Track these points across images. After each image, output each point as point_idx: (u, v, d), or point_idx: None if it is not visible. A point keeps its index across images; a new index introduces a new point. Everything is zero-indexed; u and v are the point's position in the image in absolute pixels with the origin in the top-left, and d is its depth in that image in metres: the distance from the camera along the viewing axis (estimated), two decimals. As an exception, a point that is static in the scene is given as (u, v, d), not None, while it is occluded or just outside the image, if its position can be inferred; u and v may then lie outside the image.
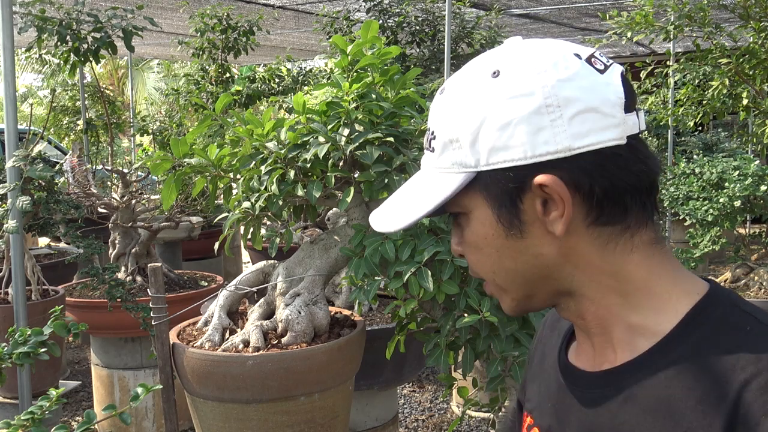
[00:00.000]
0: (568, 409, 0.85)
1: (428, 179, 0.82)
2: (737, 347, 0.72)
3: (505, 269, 0.81)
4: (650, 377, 0.76)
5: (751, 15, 4.67)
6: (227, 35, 6.69)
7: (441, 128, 0.79)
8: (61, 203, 3.68)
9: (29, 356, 0.98)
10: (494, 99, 0.75)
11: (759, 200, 4.70)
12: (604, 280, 0.80)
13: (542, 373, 0.95)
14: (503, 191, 0.77)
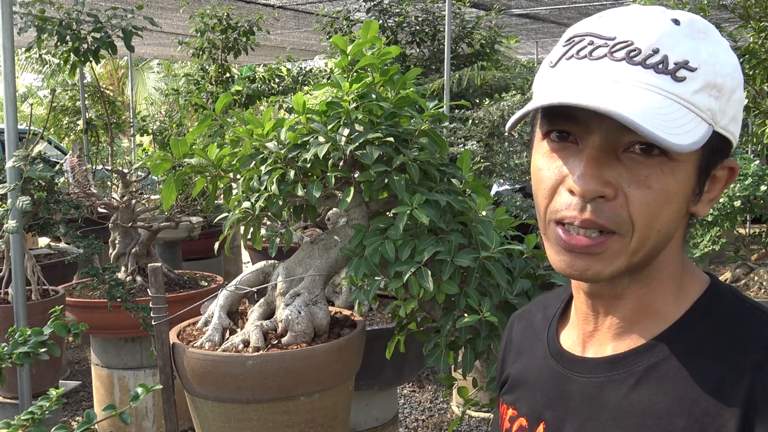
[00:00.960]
0: (568, 396, 0.84)
1: (673, 108, 0.71)
2: (747, 333, 0.76)
3: (669, 231, 0.76)
4: (663, 360, 0.77)
5: (751, 15, 4.67)
6: (227, 35, 6.69)
7: (704, 66, 0.73)
8: (61, 203, 3.68)
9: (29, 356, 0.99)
10: (738, 78, 0.75)
11: (759, 200, 4.70)
12: (667, 265, 0.80)
13: (522, 363, 0.95)
14: (712, 158, 0.76)
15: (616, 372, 0.80)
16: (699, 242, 5.12)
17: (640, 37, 0.73)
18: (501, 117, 5.28)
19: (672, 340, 0.78)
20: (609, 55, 0.73)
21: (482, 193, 2.23)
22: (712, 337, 0.77)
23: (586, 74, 0.74)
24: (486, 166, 5.04)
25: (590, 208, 0.74)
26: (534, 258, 2.20)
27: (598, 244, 0.74)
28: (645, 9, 0.76)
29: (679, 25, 0.74)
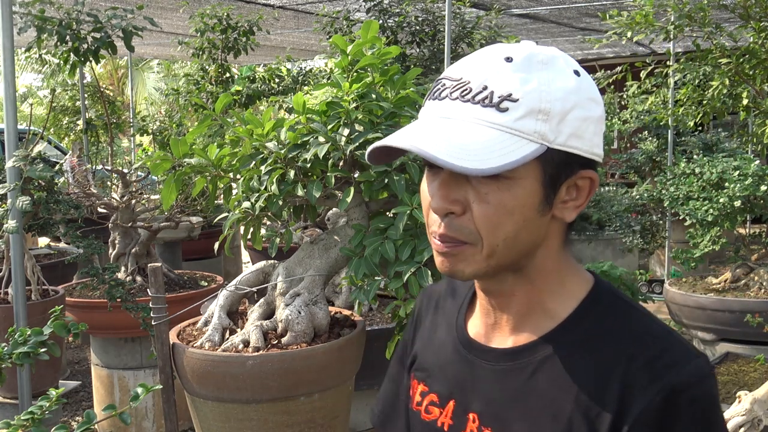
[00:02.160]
0: (474, 380, 0.96)
1: (492, 134, 0.84)
2: (623, 329, 0.90)
3: (516, 240, 0.87)
4: (555, 353, 0.90)
5: (751, 15, 4.67)
6: (227, 35, 6.69)
7: (527, 96, 0.84)
8: (61, 203, 3.68)
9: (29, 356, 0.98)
10: (581, 94, 0.87)
11: (759, 200, 4.70)
12: (548, 266, 0.93)
13: (434, 344, 1.06)
14: (557, 171, 0.87)
15: (517, 362, 0.93)
16: (699, 242, 5.12)
17: (474, 77, 0.86)
18: (501, 117, 5.28)
19: (562, 335, 0.91)
20: (449, 95, 0.87)
21: (482, 193, 2.23)
22: (594, 334, 0.90)
23: (429, 113, 0.88)
24: (486, 166, 5.04)
25: (444, 224, 0.88)
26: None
27: (453, 249, 0.88)
28: (487, 51, 0.89)
29: (512, 62, 0.86)
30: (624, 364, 0.85)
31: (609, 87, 8.40)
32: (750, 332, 4.52)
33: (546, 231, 0.90)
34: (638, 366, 0.84)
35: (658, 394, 0.82)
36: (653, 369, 0.84)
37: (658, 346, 0.86)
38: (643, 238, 6.57)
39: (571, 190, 0.90)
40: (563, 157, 0.86)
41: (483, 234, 0.86)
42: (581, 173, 0.89)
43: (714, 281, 5.06)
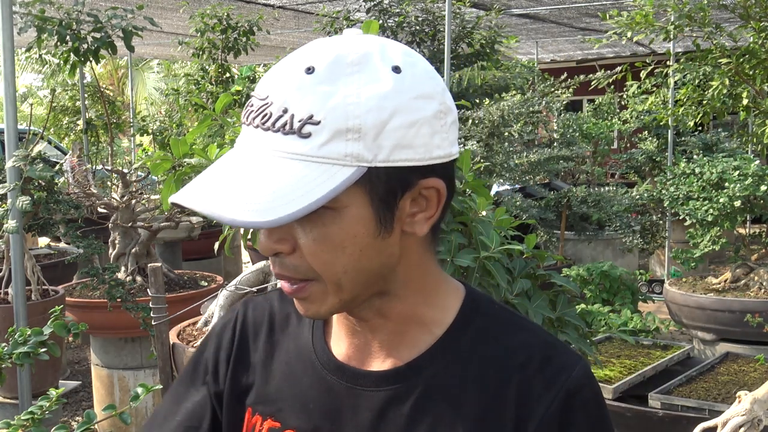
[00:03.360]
0: (351, 410, 0.85)
1: (295, 168, 0.72)
2: (507, 336, 0.85)
3: (360, 269, 0.78)
4: (442, 369, 0.83)
5: (751, 15, 4.67)
6: (227, 35, 6.69)
7: (331, 115, 0.72)
8: (61, 203, 3.68)
9: (29, 356, 0.99)
10: (401, 96, 0.74)
11: (759, 200, 4.70)
12: (415, 280, 0.83)
13: (281, 371, 0.91)
14: (389, 189, 0.76)
15: (402, 383, 0.83)
16: (699, 242, 5.12)
17: (276, 96, 0.74)
18: (501, 117, 5.27)
19: (445, 349, 0.84)
20: (253, 120, 0.76)
21: (482, 193, 2.23)
22: (480, 344, 0.84)
23: (239, 143, 0.77)
24: (486, 166, 5.04)
25: (277, 263, 0.79)
26: (534, 258, 2.20)
27: (299, 290, 0.79)
28: (290, 59, 0.77)
29: (313, 72, 0.74)
30: (517, 373, 0.82)
31: (609, 87, 8.40)
32: (750, 332, 4.52)
33: (399, 249, 0.80)
34: (530, 374, 0.81)
35: (554, 400, 0.80)
36: (546, 375, 0.81)
37: (545, 351, 0.83)
38: (643, 238, 6.57)
39: (417, 202, 0.78)
40: (392, 172, 0.74)
41: (319, 270, 0.77)
42: (422, 183, 0.77)
43: (714, 281, 5.06)
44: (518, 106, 5.35)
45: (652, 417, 3.07)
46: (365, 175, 0.73)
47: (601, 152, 8.91)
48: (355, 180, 0.73)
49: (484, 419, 0.81)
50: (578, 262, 6.60)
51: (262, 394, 0.91)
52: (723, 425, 2.02)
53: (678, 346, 3.87)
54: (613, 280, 5.49)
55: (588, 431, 0.82)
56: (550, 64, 14.42)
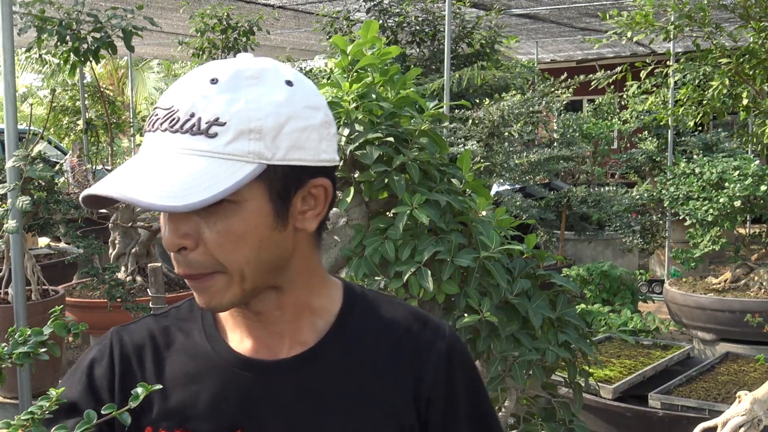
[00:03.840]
0: (267, 400, 0.92)
1: (203, 163, 0.81)
2: (386, 311, 0.99)
3: (260, 260, 0.86)
4: (343, 347, 0.95)
5: (751, 15, 4.67)
6: (227, 35, 6.69)
7: (235, 117, 0.82)
8: (61, 203, 3.69)
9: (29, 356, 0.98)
10: (294, 105, 0.85)
11: (759, 200, 4.70)
12: (306, 272, 0.94)
13: (178, 382, 0.94)
14: (284, 186, 0.86)
15: (311, 366, 0.93)
16: (699, 242, 5.12)
17: (182, 104, 0.83)
18: (501, 117, 5.27)
19: (340, 331, 0.96)
20: (160, 126, 0.84)
21: (482, 193, 2.23)
22: (367, 322, 0.98)
23: (144, 148, 0.85)
24: (486, 166, 5.04)
25: (182, 262, 0.86)
26: (534, 258, 2.20)
27: (205, 280, 0.86)
28: (194, 73, 0.87)
29: (217, 83, 0.84)
30: (405, 337, 0.97)
31: (609, 87, 8.40)
32: (750, 332, 4.52)
33: (292, 243, 0.90)
34: (416, 335, 0.97)
35: (440, 358, 0.96)
36: (427, 335, 0.98)
37: (420, 318, 1.00)
38: (643, 238, 6.57)
39: (307, 200, 0.89)
40: (287, 171, 0.85)
41: (224, 262, 0.85)
42: (312, 182, 0.88)
43: (714, 281, 5.06)
44: (518, 106, 5.35)
45: (652, 417, 3.07)
46: (264, 172, 0.83)
47: (601, 152, 8.91)
48: (256, 176, 0.83)
49: (389, 381, 0.95)
50: (578, 262, 6.60)
51: (163, 411, 0.94)
52: (723, 425, 2.02)
53: (678, 346, 3.87)
54: (613, 280, 5.49)
55: (467, 385, 0.99)
56: (550, 64, 14.42)
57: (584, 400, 2.61)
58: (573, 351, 2.09)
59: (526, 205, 5.48)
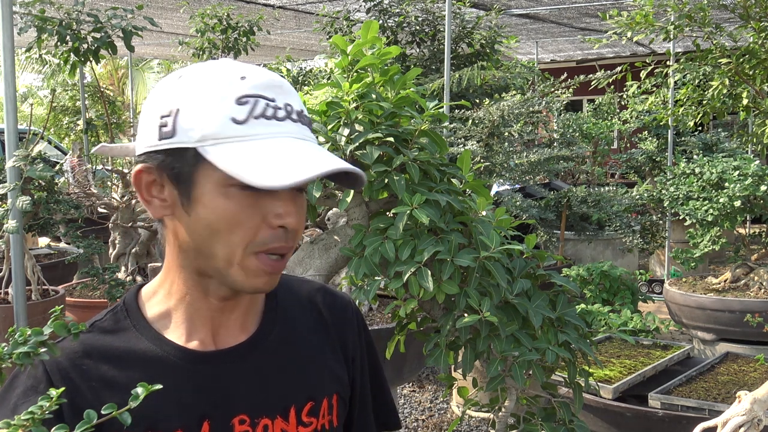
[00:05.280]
0: (228, 386, 0.98)
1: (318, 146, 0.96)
2: (300, 289, 1.13)
3: None
4: (277, 329, 1.05)
5: (751, 15, 4.67)
6: (227, 35, 6.69)
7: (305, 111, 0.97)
8: (61, 203, 3.69)
9: (29, 356, 0.98)
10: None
11: (759, 200, 4.70)
12: None
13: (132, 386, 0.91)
14: None
15: (262, 346, 1.02)
16: (699, 242, 5.12)
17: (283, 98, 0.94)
18: (501, 117, 5.27)
19: (272, 312, 1.06)
20: (287, 115, 0.93)
21: (482, 193, 2.23)
22: (289, 302, 1.09)
23: (283, 135, 0.92)
24: (486, 166, 5.04)
25: (284, 237, 0.94)
26: (534, 258, 2.20)
27: (286, 257, 0.97)
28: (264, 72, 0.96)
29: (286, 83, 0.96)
30: (323, 308, 1.12)
31: (609, 87, 8.40)
32: (750, 332, 4.52)
33: None
34: (329, 303, 1.13)
35: (353, 323, 1.15)
36: (339, 302, 1.15)
37: (327, 290, 1.16)
38: (643, 238, 6.57)
39: None
40: None
41: (298, 238, 0.96)
42: None
43: (714, 281, 5.06)
44: (518, 106, 5.35)
45: (652, 417, 3.07)
46: None
47: (601, 152, 8.91)
48: None
49: (322, 350, 1.08)
50: (578, 262, 6.60)
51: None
52: (723, 425, 2.02)
53: (678, 346, 3.87)
54: (613, 280, 5.49)
55: (369, 344, 1.18)
56: (550, 64, 14.42)
57: (584, 400, 2.61)
58: (573, 351, 2.09)
59: (526, 205, 5.48)
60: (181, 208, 0.94)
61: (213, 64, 0.96)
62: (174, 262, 0.99)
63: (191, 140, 0.90)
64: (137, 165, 0.95)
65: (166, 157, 0.92)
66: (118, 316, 1.01)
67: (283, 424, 1.01)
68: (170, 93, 0.94)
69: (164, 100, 0.93)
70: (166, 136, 0.91)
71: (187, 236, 0.94)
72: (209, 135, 0.90)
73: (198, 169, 0.91)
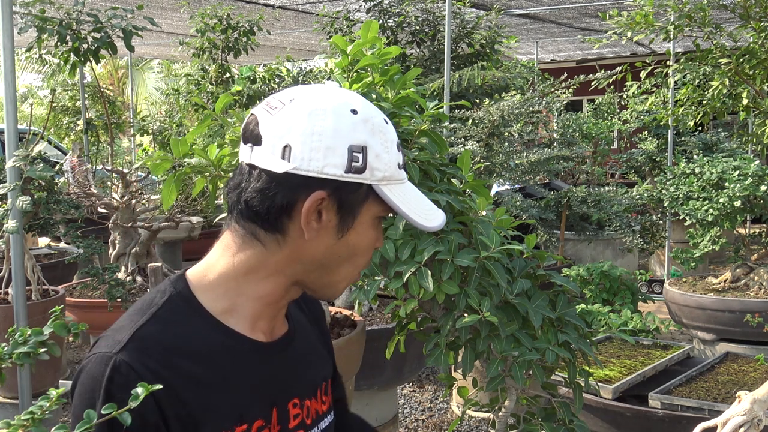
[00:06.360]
0: (285, 373, 1.10)
1: None
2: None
3: None
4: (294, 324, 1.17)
5: (751, 15, 4.67)
6: (227, 35, 6.69)
7: None
8: (61, 203, 3.69)
9: (29, 356, 0.99)
10: None
11: (759, 200, 4.70)
12: None
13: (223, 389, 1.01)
14: None
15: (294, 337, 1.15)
16: (699, 242, 5.12)
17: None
18: (501, 117, 5.27)
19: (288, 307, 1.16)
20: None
21: (482, 193, 2.23)
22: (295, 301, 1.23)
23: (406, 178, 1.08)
24: (486, 166, 5.04)
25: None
26: (534, 258, 2.20)
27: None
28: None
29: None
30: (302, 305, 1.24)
31: (609, 87, 8.40)
32: (750, 332, 4.52)
33: None
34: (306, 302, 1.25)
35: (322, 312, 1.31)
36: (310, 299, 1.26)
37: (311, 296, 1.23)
38: (643, 238, 6.57)
39: None
40: None
41: None
42: None
43: (714, 281, 5.06)
44: (518, 106, 5.35)
45: (652, 417, 3.06)
46: None
47: (601, 152, 8.91)
48: None
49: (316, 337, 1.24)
50: (578, 262, 6.60)
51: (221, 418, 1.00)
52: (723, 425, 2.02)
53: (678, 346, 3.87)
54: (613, 280, 5.49)
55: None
56: (550, 64, 14.42)
57: (584, 400, 2.61)
58: (573, 351, 2.09)
59: (526, 205, 5.48)
60: (331, 232, 1.02)
61: (359, 97, 1.04)
62: (273, 269, 1.04)
63: (374, 178, 1.00)
64: (317, 190, 0.98)
65: (342, 186, 0.99)
66: (175, 306, 1.03)
67: (316, 404, 1.16)
68: (347, 123, 0.99)
69: (346, 131, 0.99)
70: (357, 171, 0.99)
71: (321, 254, 1.03)
72: (388, 177, 1.02)
73: (365, 202, 1.02)
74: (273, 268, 1.04)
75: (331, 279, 1.07)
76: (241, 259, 1.04)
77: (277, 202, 0.99)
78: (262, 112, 1.02)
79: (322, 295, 1.10)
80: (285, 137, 0.98)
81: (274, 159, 0.98)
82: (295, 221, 1.00)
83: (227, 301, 1.05)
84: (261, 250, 1.03)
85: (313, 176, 0.97)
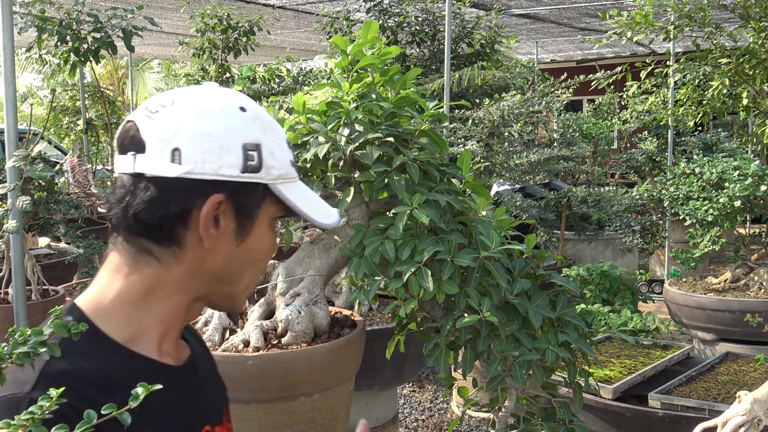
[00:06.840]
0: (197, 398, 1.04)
1: None
2: None
3: None
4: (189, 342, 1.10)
5: (751, 15, 4.67)
6: (227, 35, 6.69)
7: None
8: (61, 203, 3.69)
9: (29, 356, 0.98)
10: None
11: (759, 200, 4.70)
12: None
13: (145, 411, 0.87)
14: None
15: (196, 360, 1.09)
16: (699, 242, 5.12)
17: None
18: (501, 117, 5.27)
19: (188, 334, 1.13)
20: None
21: (482, 193, 2.23)
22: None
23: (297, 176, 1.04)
24: (486, 166, 5.04)
25: None
26: (534, 258, 2.20)
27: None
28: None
29: None
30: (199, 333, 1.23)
31: (609, 87, 8.40)
32: (750, 332, 4.52)
33: None
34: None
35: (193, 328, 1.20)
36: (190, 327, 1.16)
37: None
38: (643, 238, 6.57)
39: None
40: None
41: None
42: None
43: (714, 281, 5.06)
44: (518, 106, 5.35)
45: (652, 417, 3.07)
46: None
47: (601, 152, 8.91)
48: None
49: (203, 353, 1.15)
50: (578, 262, 6.60)
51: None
52: (723, 425, 2.02)
53: (678, 346, 3.87)
54: (613, 280, 5.49)
55: None
56: (550, 64, 14.42)
57: (584, 400, 2.61)
58: (573, 351, 2.09)
59: (526, 205, 5.48)
60: (230, 237, 0.96)
61: (243, 95, 1.03)
62: (173, 287, 0.97)
63: (270, 177, 0.95)
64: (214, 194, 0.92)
65: (239, 188, 0.93)
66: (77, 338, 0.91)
67: (223, 429, 1.09)
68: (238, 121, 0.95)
69: (238, 129, 0.94)
70: (253, 170, 0.93)
71: (222, 264, 0.97)
72: (283, 174, 0.97)
73: (262, 203, 0.97)
74: (173, 287, 0.97)
75: (233, 289, 1.00)
76: (136, 280, 0.95)
77: (170, 210, 0.91)
78: (141, 117, 0.94)
79: (227, 307, 1.04)
80: (173, 140, 0.91)
81: (164, 164, 0.90)
82: (192, 230, 0.93)
83: (130, 329, 0.96)
84: (157, 267, 0.95)
85: (208, 179, 0.91)
